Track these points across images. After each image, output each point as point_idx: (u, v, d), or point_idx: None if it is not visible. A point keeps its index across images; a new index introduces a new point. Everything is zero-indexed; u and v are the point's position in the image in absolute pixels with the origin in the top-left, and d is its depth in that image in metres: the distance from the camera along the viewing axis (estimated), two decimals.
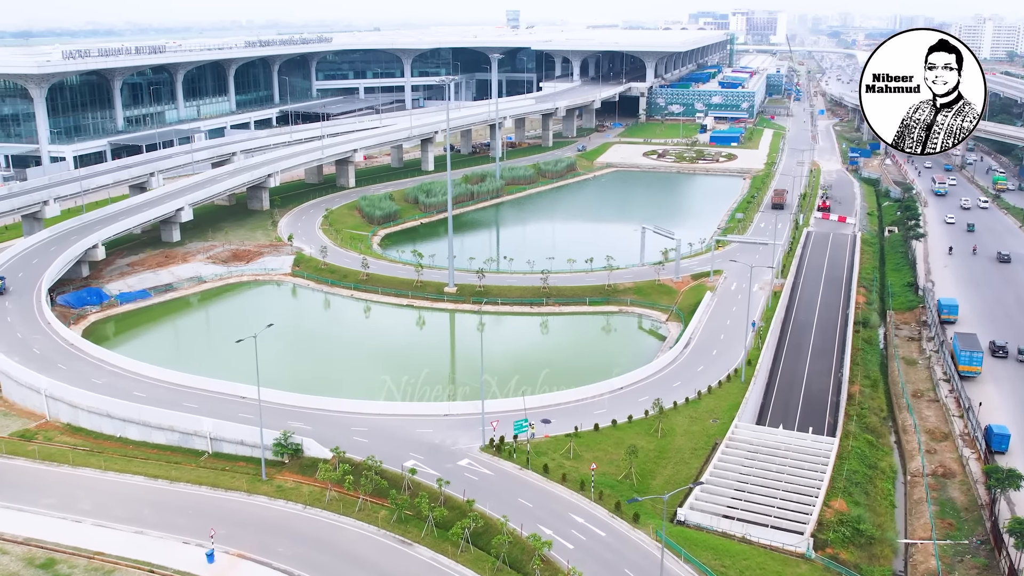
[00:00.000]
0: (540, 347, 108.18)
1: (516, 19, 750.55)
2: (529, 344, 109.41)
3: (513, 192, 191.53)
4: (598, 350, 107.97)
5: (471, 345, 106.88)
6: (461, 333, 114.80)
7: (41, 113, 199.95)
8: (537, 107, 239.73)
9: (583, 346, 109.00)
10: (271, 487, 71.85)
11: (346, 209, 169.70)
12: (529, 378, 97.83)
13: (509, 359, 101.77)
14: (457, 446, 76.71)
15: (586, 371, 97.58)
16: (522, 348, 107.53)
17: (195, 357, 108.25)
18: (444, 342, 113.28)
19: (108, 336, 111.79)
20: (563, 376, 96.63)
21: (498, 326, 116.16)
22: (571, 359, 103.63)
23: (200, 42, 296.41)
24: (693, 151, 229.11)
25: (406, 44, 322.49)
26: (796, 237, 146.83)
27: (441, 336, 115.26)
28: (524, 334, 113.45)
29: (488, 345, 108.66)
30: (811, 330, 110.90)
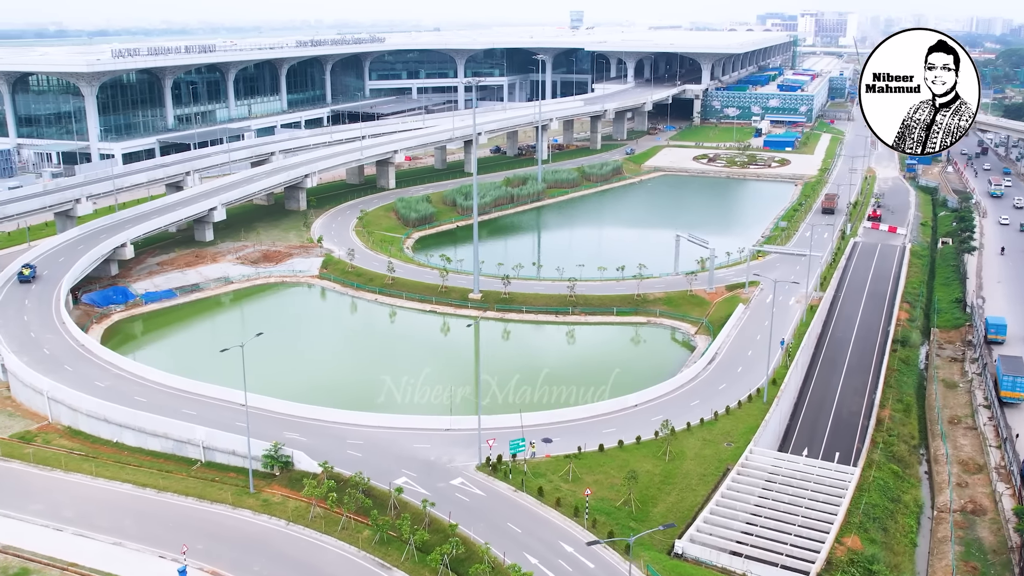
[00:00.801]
0: (558, 359, 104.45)
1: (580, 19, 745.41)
2: (547, 355, 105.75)
3: (555, 196, 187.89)
4: (619, 363, 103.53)
5: (488, 354, 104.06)
6: (476, 341, 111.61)
7: (92, 111, 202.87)
8: (585, 109, 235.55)
9: (604, 359, 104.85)
10: (257, 501, 69.69)
11: (383, 211, 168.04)
12: (539, 391, 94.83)
13: (523, 370, 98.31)
14: (453, 463, 73.66)
15: (603, 385, 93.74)
16: (539, 359, 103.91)
17: (210, 360, 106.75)
18: (459, 350, 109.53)
19: (129, 336, 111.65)
20: (578, 390, 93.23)
21: (519, 335, 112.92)
22: (589, 372, 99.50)
23: (255, 41, 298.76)
24: (745, 156, 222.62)
25: (459, 44, 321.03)
26: (841, 248, 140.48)
27: (457, 343, 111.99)
28: (544, 344, 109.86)
29: (505, 355, 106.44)
30: (847, 348, 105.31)
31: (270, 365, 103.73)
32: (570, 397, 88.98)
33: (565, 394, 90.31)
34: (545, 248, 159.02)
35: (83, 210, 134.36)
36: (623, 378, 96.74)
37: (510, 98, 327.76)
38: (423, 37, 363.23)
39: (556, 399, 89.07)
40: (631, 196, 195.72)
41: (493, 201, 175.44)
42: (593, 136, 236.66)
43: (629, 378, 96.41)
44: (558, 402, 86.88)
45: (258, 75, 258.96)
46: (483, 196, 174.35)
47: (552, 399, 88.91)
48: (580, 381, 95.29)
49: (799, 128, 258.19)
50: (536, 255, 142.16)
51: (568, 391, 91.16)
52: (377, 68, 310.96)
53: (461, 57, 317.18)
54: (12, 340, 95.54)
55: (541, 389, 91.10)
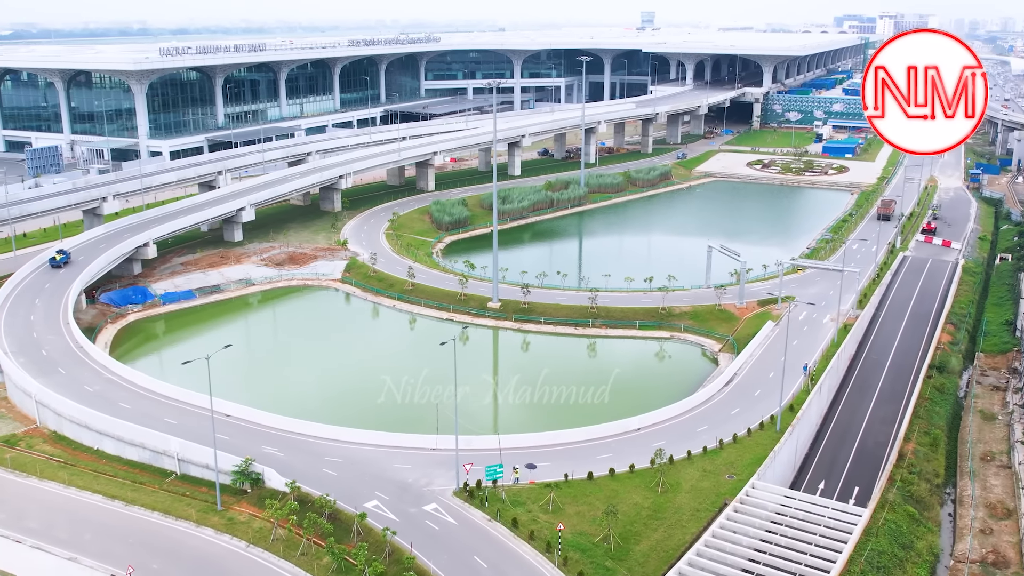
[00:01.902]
0: (568, 374, 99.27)
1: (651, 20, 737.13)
2: (557, 370, 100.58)
3: (597, 201, 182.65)
4: (633, 381, 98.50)
5: (501, 366, 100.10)
6: (484, 353, 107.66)
7: (141, 108, 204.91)
8: (636, 112, 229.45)
9: (618, 376, 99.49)
10: (222, 519, 66.81)
11: (417, 214, 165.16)
12: (541, 410, 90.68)
13: (528, 384, 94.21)
14: (430, 487, 69.75)
15: (609, 405, 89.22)
16: (548, 374, 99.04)
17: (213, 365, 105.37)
18: (467, 360, 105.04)
19: (141, 337, 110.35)
20: (583, 410, 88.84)
21: (532, 348, 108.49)
22: (598, 390, 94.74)
23: (312, 40, 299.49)
24: (801, 162, 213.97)
25: (516, 45, 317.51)
26: (888, 262, 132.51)
27: (470, 354, 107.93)
28: (557, 358, 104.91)
29: (516, 368, 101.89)
30: (881, 372, 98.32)
31: (270, 371, 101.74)
32: (576, 416, 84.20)
33: (572, 413, 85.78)
34: (576, 256, 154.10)
35: (109, 208, 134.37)
36: (632, 397, 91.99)
37: (567, 99, 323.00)
38: (481, 37, 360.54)
39: (560, 417, 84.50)
40: (677, 203, 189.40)
41: (531, 205, 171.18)
42: (644, 140, 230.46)
43: (639, 398, 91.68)
44: (561, 421, 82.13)
45: (311, 74, 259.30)
46: (521, 200, 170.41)
47: (551, 417, 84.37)
48: (587, 399, 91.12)
49: (862, 134, 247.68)
50: (564, 263, 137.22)
51: (575, 409, 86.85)
52: (433, 68, 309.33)
53: (518, 58, 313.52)
54: (13, 339, 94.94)
55: (545, 406, 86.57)
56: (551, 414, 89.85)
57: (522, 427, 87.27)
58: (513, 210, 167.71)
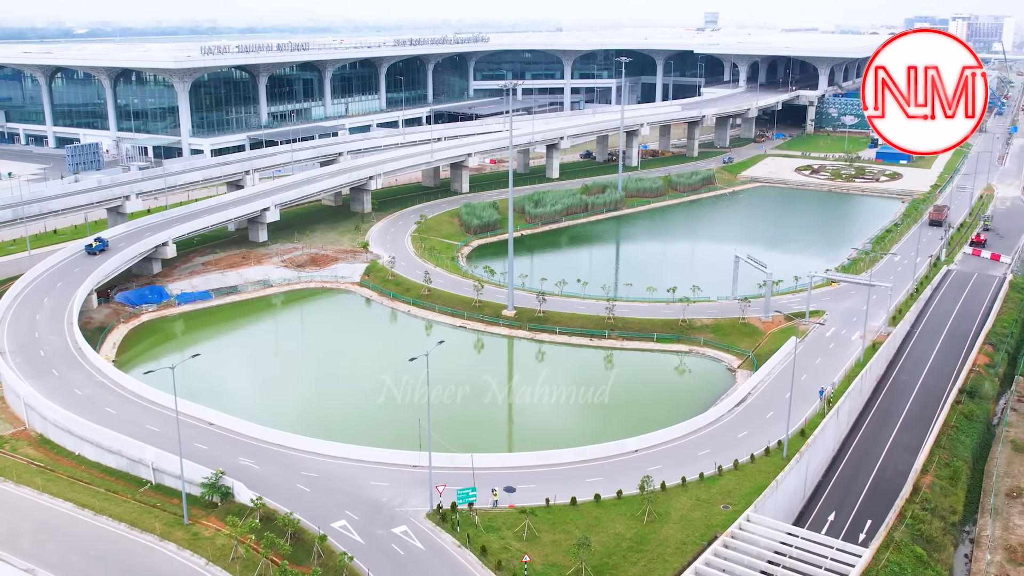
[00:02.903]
0: (576, 388, 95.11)
1: (714, 21, 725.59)
2: (565, 383, 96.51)
3: (634, 205, 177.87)
4: (642, 398, 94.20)
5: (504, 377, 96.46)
6: (491, 362, 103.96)
7: (184, 106, 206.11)
8: (682, 114, 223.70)
9: (628, 391, 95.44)
10: (187, 534, 64.53)
11: (447, 216, 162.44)
12: (541, 425, 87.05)
13: (532, 396, 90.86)
14: (404, 507, 66.56)
15: (614, 422, 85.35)
16: (555, 387, 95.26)
17: (214, 368, 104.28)
18: (475, 369, 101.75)
19: (151, 338, 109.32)
20: (584, 426, 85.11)
21: (545, 358, 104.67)
22: (604, 406, 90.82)
23: (358, 40, 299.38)
24: (852, 168, 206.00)
25: (567, 45, 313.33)
26: (929, 276, 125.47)
27: (477, 362, 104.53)
28: (567, 370, 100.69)
29: (523, 380, 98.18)
30: (910, 395, 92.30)
31: (270, 375, 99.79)
32: (575, 435, 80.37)
33: (570, 431, 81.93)
34: (603, 262, 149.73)
35: (132, 207, 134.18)
36: (639, 415, 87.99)
37: (619, 101, 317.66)
38: (531, 37, 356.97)
39: (553, 426, 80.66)
40: (717, 208, 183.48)
41: (565, 209, 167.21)
42: (690, 143, 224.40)
43: (647, 416, 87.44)
44: (553, 433, 78.32)
45: (357, 74, 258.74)
46: (554, 203, 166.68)
47: (549, 427, 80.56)
48: (589, 417, 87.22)
49: None
50: (590, 270, 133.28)
51: (573, 406, 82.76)
52: (482, 68, 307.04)
53: (568, 58, 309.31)
54: (14, 338, 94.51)
55: (544, 404, 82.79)
56: (550, 430, 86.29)
57: (518, 444, 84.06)
58: (545, 214, 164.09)
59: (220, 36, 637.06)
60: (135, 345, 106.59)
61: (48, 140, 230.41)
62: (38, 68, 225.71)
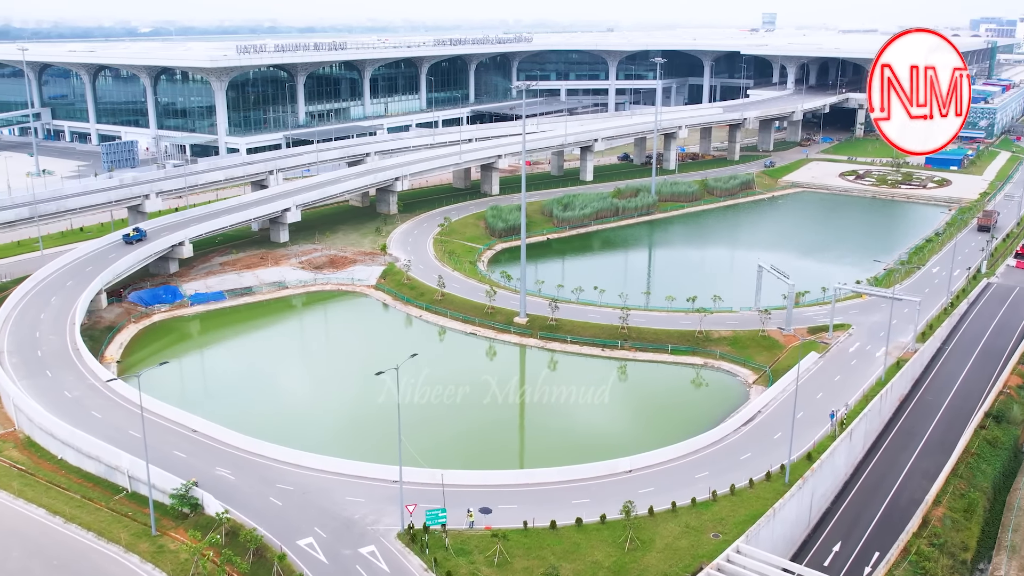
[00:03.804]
0: (581, 400, 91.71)
1: (772, 22, 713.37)
2: (571, 395, 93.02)
3: (667, 210, 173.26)
4: (647, 414, 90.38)
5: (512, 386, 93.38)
6: (498, 370, 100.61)
7: (221, 105, 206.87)
8: (722, 117, 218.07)
9: (632, 406, 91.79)
10: (152, 546, 62.76)
11: (473, 219, 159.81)
12: (538, 440, 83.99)
13: (533, 408, 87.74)
14: (376, 526, 63.92)
15: (616, 439, 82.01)
16: (559, 399, 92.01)
17: (216, 372, 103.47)
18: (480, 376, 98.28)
19: (163, 338, 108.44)
20: (584, 443, 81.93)
21: (553, 368, 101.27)
22: (608, 421, 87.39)
23: (399, 39, 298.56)
24: (899, 173, 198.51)
25: (611, 46, 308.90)
26: (967, 289, 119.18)
27: (484, 370, 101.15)
28: (575, 382, 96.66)
29: (528, 390, 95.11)
30: (934, 416, 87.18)
31: (270, 379, 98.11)
32: (566, 439, 77.09)
33: (567, 449, 78.69)
34: (626, 268, 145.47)
35: (152, 206, 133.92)
36: (643, 432, 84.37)
37: (665, 102, 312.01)
38: (576, 38, 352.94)
39: (550, 441, 77.52)
40: (754, 214, 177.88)
41: (594, 213, 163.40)
42: (731, 146, 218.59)
43: (651, 433, 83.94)
44: (549, 449, 75.17)
45: (398, 74, 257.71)
46: (584, 207, 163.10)
47: (546, 442, 77.43)
48: (589, 418, 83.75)
49: (974, 145, 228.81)
50: (610, 276, 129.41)
51: (575, 420, 79.41)
52: (526, 68, 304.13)
53: (613, 59, 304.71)
54: (15, 338, 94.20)
55: (544, 417, 79.58)
56: (546, 445, 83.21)
57: (512, 459, 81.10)
58: (574, 217, 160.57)
59: (279, 35, 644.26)
60: (143, 346, 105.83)
61: (91, 137, 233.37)
62: (82, 66, 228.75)
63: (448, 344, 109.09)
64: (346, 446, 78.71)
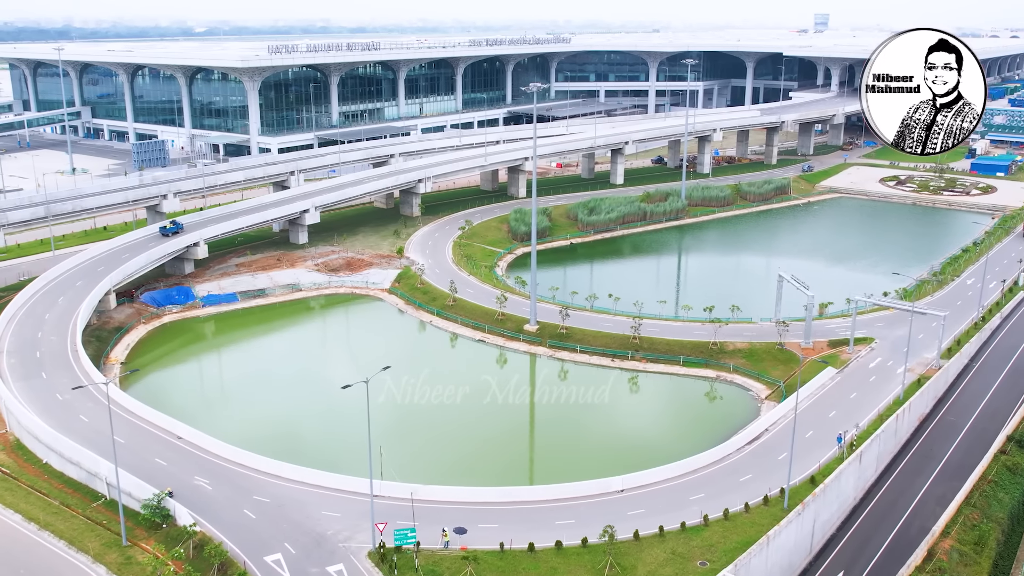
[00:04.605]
0: (585, 412, 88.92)
1: (824, 23, 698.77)
2: (574, 406, 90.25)
3: (697, 215, 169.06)
4: (650, 429, 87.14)
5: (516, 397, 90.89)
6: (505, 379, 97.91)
7: (253, 105, 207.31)
8: (759, 119, 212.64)
9: (636, 420, 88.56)
10: (120, 557, 61.40)
11: (496, 222, 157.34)
12: (536, 453, 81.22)
13: (535, 420, 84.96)
14: (349, 543, 61.77)
15: (615, 456, 79.05)
16: (561, 410, 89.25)
17: (218, 375, 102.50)
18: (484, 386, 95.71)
19: (173, 340, 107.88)
20: (581, 458, 79.21)
21: (560, 378, 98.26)
22: (610, 435, 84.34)
23: (435, 40, 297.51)
24: (942, 179, 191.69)
25: (651, 47, 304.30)
26: (1001, 303, 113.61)
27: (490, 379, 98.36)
28: (580, 392, 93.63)
29: (531, 401, 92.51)
30: (955, 438, 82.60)
31: (265, 385, 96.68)
32: (563, 453, 74.35)
33: (562, 446, 75.88)
34: (647, 275, 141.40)
35: (169, 206, 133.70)
36: (645, 448, 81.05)
37: (706, 104, 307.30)
38: (617, 38, 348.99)
39: (547, 456, 74.80)
40: (787, 220, 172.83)
41: (620, 217, 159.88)
42: (768, 150, 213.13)
43: (653, 449, 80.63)
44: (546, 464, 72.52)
45: (434, 74, 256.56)
46: (610, 211, 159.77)
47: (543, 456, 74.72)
48: (590, 431, 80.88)
49: (1023, 150, 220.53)
50: (629, 283, 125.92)
51: (576, 433, 76.58)
52: (565, 69, 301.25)
53: (653, 60, 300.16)
54: (17, 338, 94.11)
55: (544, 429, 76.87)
56: (543, 460, 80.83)
57: (506, 474, 78.32)
58: (599, 222, 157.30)
59: (331, 35, 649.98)
60: (151, 348, 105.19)
61: (129, 136, 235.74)
62: (119, 66, 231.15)
63: (455, 351, 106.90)
64: (335, 455, 76.75)
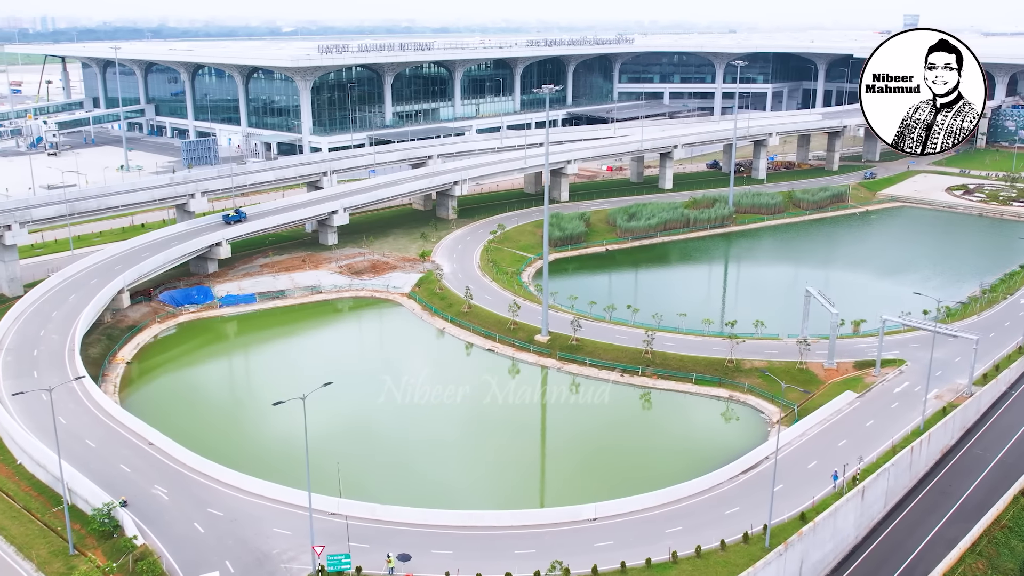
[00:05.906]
0: (582, 432, 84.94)
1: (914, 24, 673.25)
2: (573, 425, 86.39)
3: (745, 222, 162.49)
4: (649, 452, 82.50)
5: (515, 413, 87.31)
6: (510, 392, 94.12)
7: (305, 104, 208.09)
8: (820, 124, 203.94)
9: (635, 442, 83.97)
10: (64, 566, 60.06)
11: (532, 226, 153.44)
12: (520, 473, 77.55)
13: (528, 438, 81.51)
14: (291, 564, 59.17)
15: (604, 480, 75.10)
16: (560, 428, 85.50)
17: (209, 378, 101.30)
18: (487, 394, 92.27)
19: (183, 341, 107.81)
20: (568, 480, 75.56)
21: (565, 392, 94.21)
22: (604, 457, 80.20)
23: (491, 40, 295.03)
24: (1013, 189, 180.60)
25: (719, 48, 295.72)
26: None
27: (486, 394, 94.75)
28: (583, 409, 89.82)
29: (531, 416, 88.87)
30: (978, 474, 76.01)
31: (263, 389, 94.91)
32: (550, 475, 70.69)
33: (550, 468, 72.21)
34: (676, 285, 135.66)
35: (197, 206, 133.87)
36: (635, 473, 76.66)
37: (775, 107, 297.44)
38: (682, 39, 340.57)
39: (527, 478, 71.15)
40: (841, 229, 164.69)
41: (662, 224, 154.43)
42: (829, 155, 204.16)
43: (644, 473, 76.33)
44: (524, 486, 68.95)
45: (492, 74, 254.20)
46: (650, 217, 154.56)
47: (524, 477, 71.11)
48: (585, 453, 76.84)
49: None
50: (652, 294, 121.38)
51: (568, 454, 72.84)
52: (628, 70, 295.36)
53: (720, 61, 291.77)
54: (19, 335, 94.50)
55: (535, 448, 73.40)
56: (528, 479, 76.92)
57: (495, 494, 74.91)
58: (638, 228, 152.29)
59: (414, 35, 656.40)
60: (162, 348, 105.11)
61: (189, 134, 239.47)
62: (180, 65, 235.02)
63: (461, 360, 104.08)
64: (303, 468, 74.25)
